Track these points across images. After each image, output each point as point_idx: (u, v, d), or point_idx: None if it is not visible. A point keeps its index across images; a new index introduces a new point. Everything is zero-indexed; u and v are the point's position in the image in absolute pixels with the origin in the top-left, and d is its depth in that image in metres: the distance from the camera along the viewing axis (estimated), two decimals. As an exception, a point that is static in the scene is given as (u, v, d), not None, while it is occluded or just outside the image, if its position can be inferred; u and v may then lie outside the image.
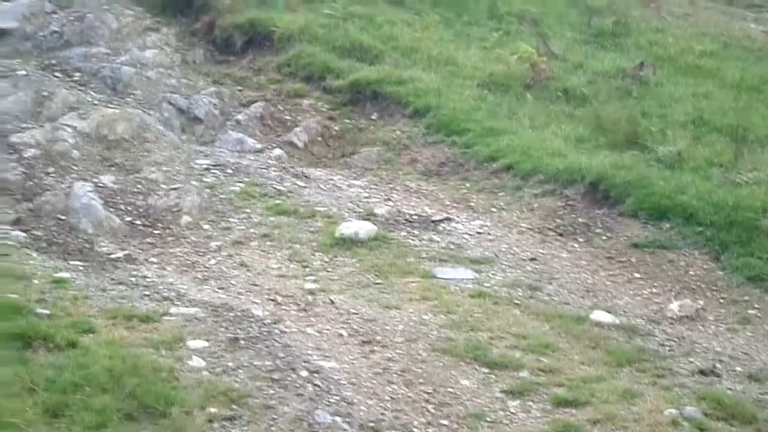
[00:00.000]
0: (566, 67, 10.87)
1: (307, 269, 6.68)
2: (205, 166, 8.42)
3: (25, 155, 8.02)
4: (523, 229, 7.69)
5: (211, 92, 10.01)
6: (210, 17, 11.11)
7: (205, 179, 8.14)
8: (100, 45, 10.65)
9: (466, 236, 7.46)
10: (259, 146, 9.26)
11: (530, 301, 6.36)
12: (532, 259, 7.09)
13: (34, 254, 6.53)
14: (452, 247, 7.23)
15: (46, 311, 5.34)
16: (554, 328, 5.92)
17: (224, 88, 10.19)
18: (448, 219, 7.77)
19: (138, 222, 7.39)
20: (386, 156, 9.08)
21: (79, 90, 9.45)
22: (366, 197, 8.18)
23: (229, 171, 8.37)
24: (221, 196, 7.87)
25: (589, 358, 5.56)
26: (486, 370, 5.33)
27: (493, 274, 6.78)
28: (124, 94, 9.67)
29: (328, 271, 6.66)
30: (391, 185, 8.53)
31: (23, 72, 9.49)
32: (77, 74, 9.91)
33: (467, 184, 8.55)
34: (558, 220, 7.78)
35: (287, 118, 9.73)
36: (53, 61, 10.22)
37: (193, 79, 10.34)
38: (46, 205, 7.33)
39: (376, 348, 5.49)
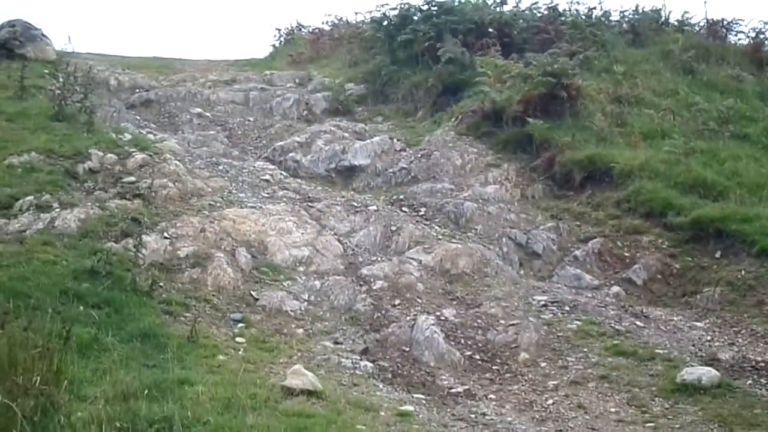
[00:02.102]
0: None
1: (647, 415, 6.49)
2: (543, 303, 8.48)
3: (374, 287, 8.52)
4: None
5: (549, 227, 10.14)
6: (550, 153, 11.33)
7: (542, 316, 8.20)
8: (444, 181, 11.18)
9: (820, 388, 6.96)
10: (596, 283, 9.20)
11: None
12: None
13: (380, 385, 6.86)
14: (805, 399, 6.76)
15: (392, 444, 5.58)
16: None
17: (562, 223, 10.27)
18: (800, 368, 7.29)
19: (477, 357, 7.56)
20: (730, 297, 8.69)
21: (425, 224, 9.95)
22: (708, 340, 7.87)
23: (567, 308, 8.38)
24: (558, 334, 7.88)
25: None
26: None
27: None
28: (466, 228, 10.05)
29: (668, 419, 6.44)
30: (735, 329, 8.15)
31: (374, 207, 10.16)
32: (423, 209, 10.45)
33: (822, 331, 7.99)
34: None
35: (626, 254, 9.63)
36: (401, 196, 10.85)
37: (532, 214, 10.54)
38: (391, 337, 7.71)
39: (722, 508, 5.22)
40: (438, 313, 8.07)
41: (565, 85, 11.87)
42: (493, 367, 7.38)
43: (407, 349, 7.55)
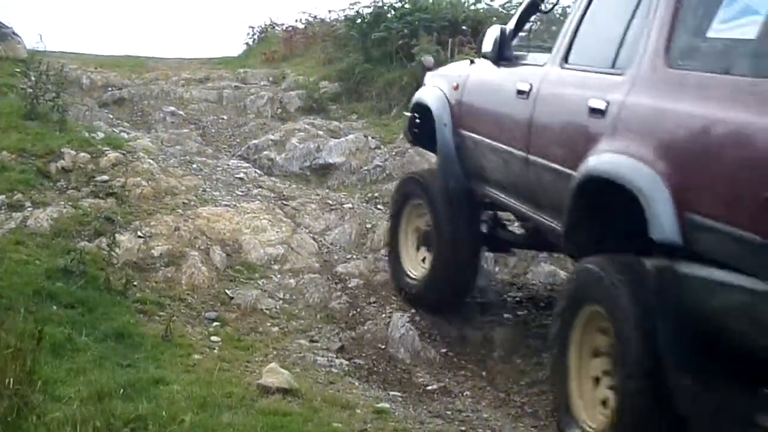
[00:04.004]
0: None
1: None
2: (518, 299, 8.51)
3: (350, 285, 8.52)
4: None
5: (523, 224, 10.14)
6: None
7: (517, 312, 8.22)
8: (419, 179, 11.15)
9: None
10: (571, 279, 9.23)
11: None
12: None
13: (356, 382, 6.87)
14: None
15: (369, 442, 5.58)
16: None
17: (537, 220, 10.27)
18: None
19: (452, 353, 7.57)
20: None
21: (399, 222, 9.93)
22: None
23: (542, 304, 8.39)
24: (533, 330, 7.90)
25: None
26: None
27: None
28: (442, 226, 10.03)
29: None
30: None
31: (349, 205, 10.15)
32: (397, 206, 10.42)
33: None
34: None
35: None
36: (376, 194, 10.83)
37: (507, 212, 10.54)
38: (367, 334, 7.71)
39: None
40: (413, 311, 8.06)
41: (538, 83, 11.90)
42: (469, 365, 7.40)
43: (383, 346, 7.56)
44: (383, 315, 7.97)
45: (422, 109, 7.92)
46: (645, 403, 4.48)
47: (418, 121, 8.06)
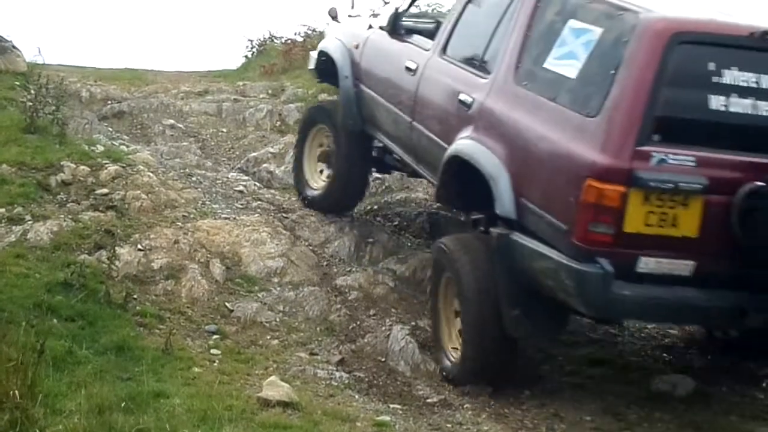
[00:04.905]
0: None
1: (623, 423, 6.54)
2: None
3: (349, 297, 8.53)
4: None
5: (522, 237, 10.15)
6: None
7: (517, 325, 8.21)
8: (418, 191, 11.15)
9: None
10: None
11: None
12: None
13: (356, 395, 6.87)
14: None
15: (369, 455, 5.58)
16: None
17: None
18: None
19: (452, 366, 7.56)
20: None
21: (398, 235, 9.96)
22: (682, 348, 7.94)
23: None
24: (534, 342, 7.89)
25: None
26: None
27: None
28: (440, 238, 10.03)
29: (644, 426, 6.49)
30: (709, 336, 8.21)
31: (348, 217, 10.15)
32: (397, 219, 10.43)
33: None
34: None
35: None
36: (375, 206, 10.83)
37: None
38: (367, 347, 7.72)
39: None
40: (413, 323, 8.07)
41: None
42: (469, 377, 7.39)
43: (383, 359, 7.57)
44: (383, 328, 7.98)
45: (327, 56, 9.48)
46: (481, 338, 6.68)
47: (322, 66, 9.69)
